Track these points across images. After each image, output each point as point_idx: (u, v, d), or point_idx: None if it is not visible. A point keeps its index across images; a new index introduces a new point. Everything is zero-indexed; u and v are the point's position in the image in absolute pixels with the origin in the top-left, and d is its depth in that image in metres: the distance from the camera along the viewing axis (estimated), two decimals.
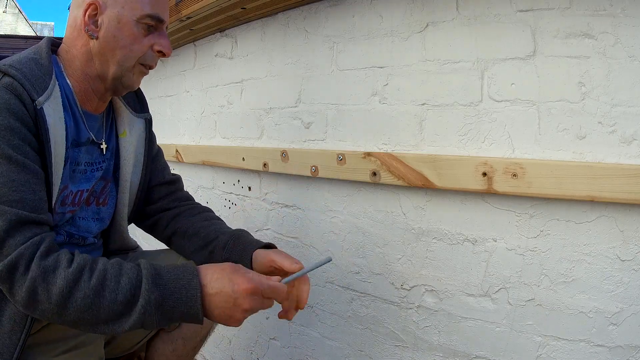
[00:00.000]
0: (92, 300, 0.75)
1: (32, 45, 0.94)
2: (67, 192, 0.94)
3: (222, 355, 1.80)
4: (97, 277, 0.76)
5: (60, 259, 0.76)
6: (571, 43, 0.87)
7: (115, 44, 0.91)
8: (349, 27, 1.24)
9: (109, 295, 0.76)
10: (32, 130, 0.82)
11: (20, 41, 9.19)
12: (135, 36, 0.92)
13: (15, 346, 0.82)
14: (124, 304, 0.76)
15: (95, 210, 1.04)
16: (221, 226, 1.12)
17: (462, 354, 1.05)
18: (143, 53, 0.93)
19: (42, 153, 0.83)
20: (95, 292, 0.75)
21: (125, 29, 0.91)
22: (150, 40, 0.94)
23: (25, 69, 0.84)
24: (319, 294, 1.36)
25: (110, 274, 0.78)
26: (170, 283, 0.79)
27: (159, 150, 1.22)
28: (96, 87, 0.96)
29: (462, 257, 1.04)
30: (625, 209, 0.83)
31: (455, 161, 1.00)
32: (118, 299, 0.76)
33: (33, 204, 0.79)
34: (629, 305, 0.83)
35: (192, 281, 0.80)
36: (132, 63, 0.93)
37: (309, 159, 1.31)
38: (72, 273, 0.75)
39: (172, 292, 0.79)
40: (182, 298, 0.79)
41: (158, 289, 0.78)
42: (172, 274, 0.81)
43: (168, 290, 0.79)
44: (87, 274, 0.76)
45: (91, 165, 0.99)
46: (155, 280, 0.79)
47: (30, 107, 0.81)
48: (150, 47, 0.94)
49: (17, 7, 22.12)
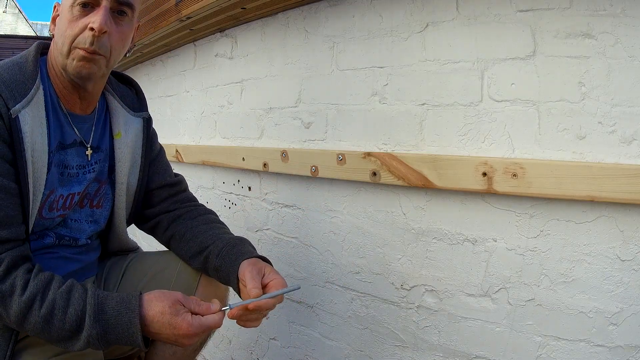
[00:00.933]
0: (42, 327, 0.81)
1: (32, 45, 0.94)
2: (54, 197, 0.93)
3: (222, 355, 1.80)
4: (46, 307, 0.81)
5: (16, 285, 0.80)
6: (571, 43, 0.87)
7: (57, 35, 0.90)
8: (349, 27, 1.24)
9: (57, 323, 0.81)
10: (6, 140, 0.82)
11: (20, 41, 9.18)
12: (70, 20, 0.87)
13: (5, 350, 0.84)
14: (71, 331, 0.82)
15: (89, 213, 1.03)
16: (220, 231, 1.09)
17: (462, 354, 1.05)
18: (76, 35, 0.87)
19: (16, 161, 0.83)
20: (45, 321, 0.81)
21: (63, 18, 0.89)
22: (86, 20, 0.87)
23: (6, 75, 0.84)
24: (319, 294, 1.36)
25: (59, 304, 0.82)
26: (112, 319, 0.83)
27: (161, 151, 1.19)
28: (66, 84, 0.93)
29: (462, 257, 1.04)
30: (625, 209, 0.83)
31: (455, 161, 1.00)
32: (65, 327, 0.81)
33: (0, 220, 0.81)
34: (629, 305, 0.83)
35: (132, 320, 0.83)
36: (67, 48, 0.88)
37: (309, 159, 1.31)
38: (24, 302, 0.80)
39: (114, 328, 0.83)
40: (124, 334, 0.83)
41: (99, 325, 0.82)
42: (114, 310, 0.84)
43: (110, 326, 0.83)
44: (38, 303, 0.81)
45: (83, 168, 0.98)
46: (97, 316, 0.82)
47: (6, 116, 0.81)
48: (87, 28, 0.87)
49: (17, 7, 22.11)
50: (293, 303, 1.45)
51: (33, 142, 0.85)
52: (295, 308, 1.45)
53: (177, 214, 1.13)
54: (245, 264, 0.97)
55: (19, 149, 0.83)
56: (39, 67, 0.90)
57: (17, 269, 0.82)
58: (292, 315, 1.46)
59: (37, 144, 0.86)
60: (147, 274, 1.09)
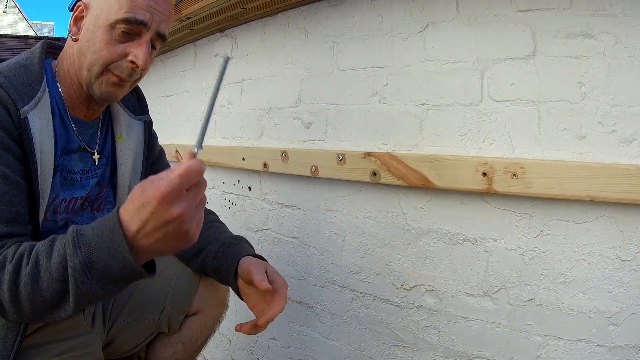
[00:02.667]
0: (32, 287, 0.71)
1: (32, 46, 0.93)
2: (58, 201, 0.92)
3: (222, 355, 1.80)
4: (31, 260, 0.72)
5: (7, 255, 0.73)
6: (571, 43, 0.87)
7: (87, 48, 0.86)
8: (349, 27, 1.24)
9: (44, 275, 0.71)
10: (16, 139, 0.80)
11: (20, 41, 9.18)
12: (108, 41, 0.84)
13: (9, 352, 0.82)
14: (59, 279, 0.70)
15: (89, 216, 1.02)
16: (216, 231, 1.08)
17: (462, 354, 1.05)
18: (113, 61, 0.85)
19: (26, 163, 0.82)
20: (32, 276, 0.71)
21: (98, 33, 0.84)
22: (126, 48, 0.85)
23: (12, 77, 0.82)
24: (319, 294, 1.36)
25: (42, 252, 0.72)
26: (94, 240, 0.69)
27: (161, 153, 1.19)
28: (80, 94, 0.92)
29: (462, 257, 1.04)
30: (625, 209, 0.83)
31: (455, 161, 1.00)
32: (53, 276, 0.70)
33: (9, 216, 0.78)
34: (629, 305, 0.83)
35: (114, 228, 0.68)
36: (99, 69, 0.86)
37: (309, 159, 1.31)
38: (13, 265, 0.72)
39: (98, 250, 0.68)
40: (110, 252, 0.68)
41: (80, 251, 0.69)
42: (93, 230, 0.70)
43: (92, 248, 0.69)
44: (25, 260, 0.72)
45: (86, 173, 0.98)
46: (76, 242, 0.70)
47: (15, 116, 0.80)
48: (125, 56, 0.86)
49: (17, 7, 22.12)
50: (293, 303, 1.45)
51: (41, 144, 0.84)
52: (295, 308, 1.45)
53: None
54: (246, 260, 0.96)
55: (29, 150, 0.82)
56: (45, 70, 0.89)
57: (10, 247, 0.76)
58: (292, 315, 1.46)
59: (45, 147, 0.85)
60: None
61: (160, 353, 1.14)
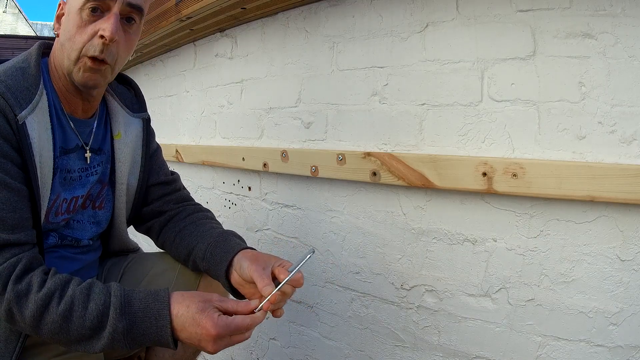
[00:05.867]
0: (60, 326, 0.77)
1: (32, 46, 0.93)
2: (59, 202, 0.92)
3: (222, 355, 1.80)
4: (65, 303, 0.78)
5: (33, 283, 0.78)
6: (571, 43, 0.87)
7: (64, 37, 0.86)
8: (349, 27, 1.24)
9: (76, 320, 0.77)
10: (14, 145, 0.81)
11: (20, 41, 9.17)
12: (79, 25, 0.84)
13: (12, 353, 0.83)
14: (91, 329, 0.78)
15: (91, 214, 1.02)
16: (204, 228, 1.05)
17: (462, 354, 1.05)
18: (85, 42, 0.84)
19: (26, 167, 0.82)
20: (63, 318, 0.77)
21: (71, 21, 0.85)
22: (95, 26, 0.84)
23: (10, 81, 0.82)
24: (319, 294, 1.36)
25: (78, 299, 0.78)
26: (140, 312, 0.79)
27: (157, 149, 1.18)
28: (69, 87, 0.92)
29: (462, 257, 1.04)
30: (625, 209, 0.83)
31: (455, 161, 1.00)
32: (85, 325, 0.77)
33: (13, 223, 0.79)
34: (629, 305, 0.83)
35: (161, 312, 0.79)
36: (76, 55, 0.85)
37: (309, 159, 1.31)
38: (42, 299, 0.77)
39: (142, 322, 0.79)
40: (152, 328, 0.79)
41: (126, 318, 0.78)
42: (142, 302, 0.80)
43: (137, 319, 0.79)
44: (56, 299, 0.78)
45: (85, 171, 0.98)
46: (123, 308, 0.79)
47: (13, 122, 0.80)
48: (96, 34, 0.84)
49: (17, 7, 22.11)
50: (293, 303, 1.45)
51: (40, 147, 0.85)
52: (295, 308, 1.45)
53: (168, 217, 1.11)
54: (245, 263, 0.91)
55: (28, 155, 0.82)
56: (41, 71, 0.89)
57: (34, 270, 0.80)
58: (292, 315, 1.46)
59: (44, 150, 0.85)
60: (147, 275, 1.09)
61: (160, 353, 1.13)
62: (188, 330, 0.78)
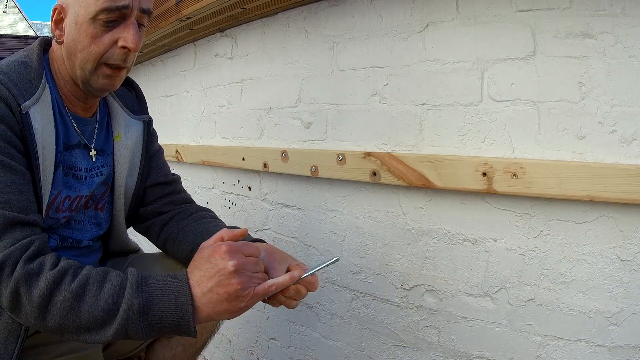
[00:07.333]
0: (71, 304, 0.72)
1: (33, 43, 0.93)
2: (61, 198, 0.92)
3: (222, 355, 1.80)
4: (79, 280, 0.73)
5: (45, 262, 0.74)
6: (571, 43, 0.87)
7: (75, 47, 0.85)
8: (349, 27, 1.24)
9: (89, 299, 0.72)
10: (18, 134, 0.80)
11: (20, 41, 9.19)
12: (93, 35, 0.84)
13: (11, 355, 0.82)
14: (105, 310, 0.72)
15: (93, 215, 1.02)
16: (209, 225, 1.05)
17: (462, 354, 1.05)
18: (103, 52, 0.85)
19: (28, 157, 0.82)
20: (76, 295, 0.72)
21: (82, 29, 0.84)
22: (113, 35, 0.84)
23: (12, 74, 0.82)
24: (319, 294, 1.36)
25: (94, 278, 0.74)
26: (158, 290, 0.74)
27: (159, 150, 1.18)
28: (76, 91, 0.92)
29: (462, 257, 1.04)
30: (625, 209, 0.83)
31: (455, 161, 1.00)
32: (99, 304, 0.72)
33: (21, 205, 0.78)
34: (629, 305, 0.83)
35: (181, 288, 0.74)
36: (92, 65, 0.86)
37: (309, 159, 1.31)
38: (54, 275, 0.73)
39: (160, 299, 0.73)
40: (171, 307, 0.73)
41: (143, 295, 0.73)
42: (159, 281, 0.76)
43: (155, 297, 0.73)
44: (70, 277, 0.73)
45: (90, 171, 0.97)
46: (140, 286, 0.74)
47: (17, 111, 0.80)
48: (115, 43, 0.85)
49: (17, 7, 22.11)
50: None
51: (43, 139, 0.84)
52: (295, 308, 1.44)
53: (170, 216, 1.10)
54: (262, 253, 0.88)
55: (31, 145, 0.81)
56: (44, 66, 0.89)
57: (47, 254, 0.77)
58: (292, 315, 1.46)
59: (47, 142, 0.85)
60: None
61: (161, 354, 1.13)
62: (216, 291, 0.73)
